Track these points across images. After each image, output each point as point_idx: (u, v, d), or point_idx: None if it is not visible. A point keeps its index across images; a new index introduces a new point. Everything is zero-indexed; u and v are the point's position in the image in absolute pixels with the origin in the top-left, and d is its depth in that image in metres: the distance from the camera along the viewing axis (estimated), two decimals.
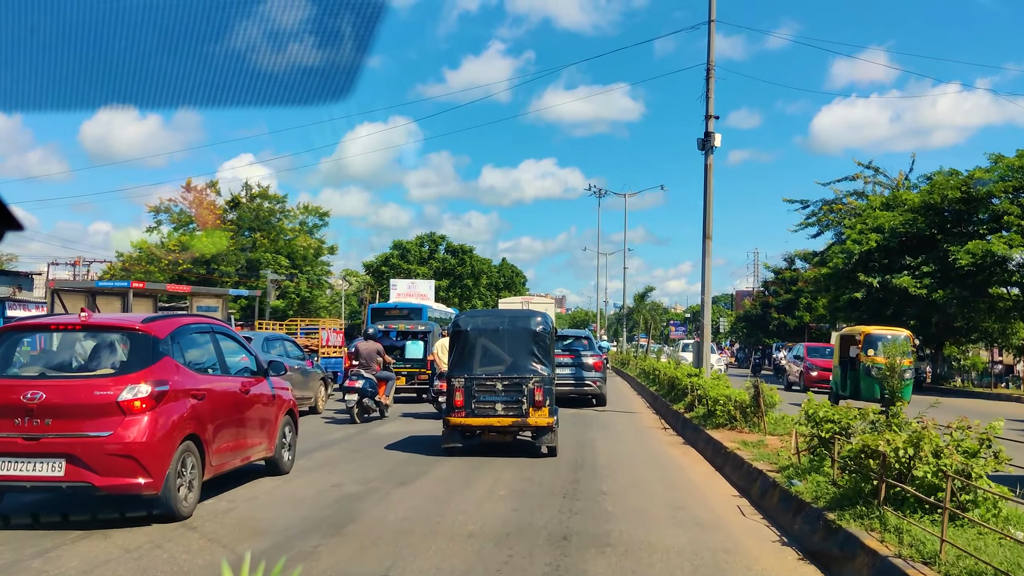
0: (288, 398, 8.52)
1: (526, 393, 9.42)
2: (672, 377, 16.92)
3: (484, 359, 9.58)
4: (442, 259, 70.44)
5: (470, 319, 10.23)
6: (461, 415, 9.46)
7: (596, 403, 17.83)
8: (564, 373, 17.04)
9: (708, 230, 15.40)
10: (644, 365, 26.08)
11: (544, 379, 9.57)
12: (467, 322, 10.04)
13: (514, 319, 10.25)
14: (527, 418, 9.42)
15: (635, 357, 36.26)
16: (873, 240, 30.34)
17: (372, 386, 13.74)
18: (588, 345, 18.04)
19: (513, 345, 9.65)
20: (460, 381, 9.52)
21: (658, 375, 20.32)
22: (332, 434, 12.35)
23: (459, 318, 10.42)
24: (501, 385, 9.45)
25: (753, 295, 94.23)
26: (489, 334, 9.72)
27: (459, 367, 9.64)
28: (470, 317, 10.52)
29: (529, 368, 9.57)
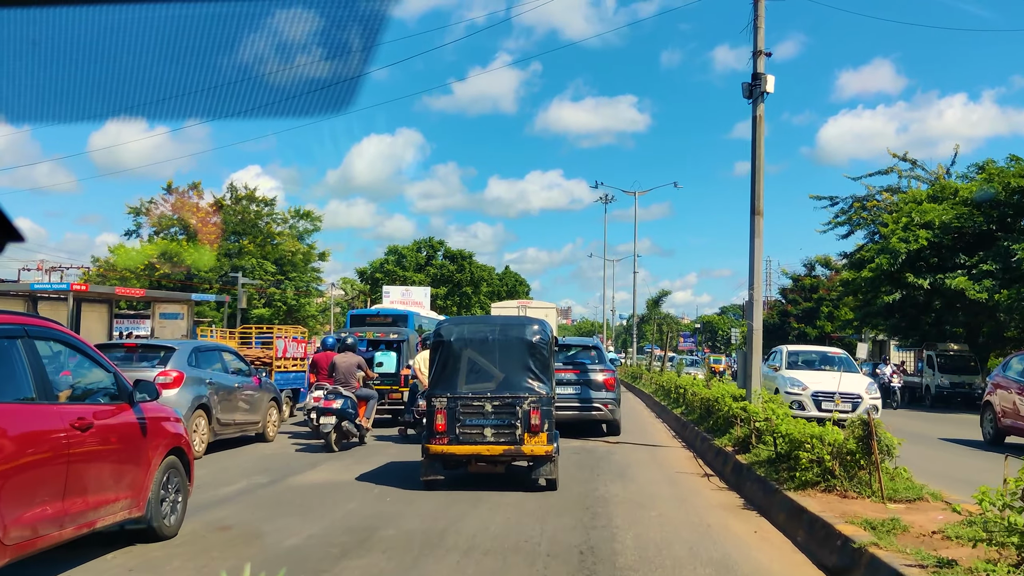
0: (174, 431, 6.40)
1: (520, 416, 8.15)
2: (707, 400, 13.03)
3: (471, 375, 8.30)
4: (440, 265, 66.72)
5: (454, 327, 8.74)
6: (443, 442, 8.20)
7: (607, 431, 13.99)
8: (566, 393, 13.25)
9: (758, 203, 11.59)
10: (662, 380, 22.17)
11: (542, 399, 8.25)
12: (450, 331, 8.61)
13: (506, 327, 8.76)
14: (522, 445, 8.17)
15: (647, 370, 32.33)
16: (923, 237, 26.44)
17: (352, 407, 11.77)
18: (597, 357, 14.20)
19: (505, 358, 8.33)
20: (442, 401, 8.23)
21: (684, 394, 16.41)
22: (271, 469, 9.84)
23: (441, 326, 8.93)
24: (491, 406, 8.18)
25: (768, 304, 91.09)
26: (477, 345, 8.39)
27: (441, 384, 8.34)
28: (454, 325, 8.97)
29: (524, 386, 8.26)
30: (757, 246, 11.61)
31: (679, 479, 9.38)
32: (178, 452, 6.36)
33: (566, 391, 13.34)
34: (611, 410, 13.47)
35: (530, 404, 8.14)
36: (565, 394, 13.30)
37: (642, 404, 22.64)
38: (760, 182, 11.59)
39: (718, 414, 11.68)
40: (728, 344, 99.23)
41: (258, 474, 9.45)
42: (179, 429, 6.47)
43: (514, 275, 76.76)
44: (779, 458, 7.92)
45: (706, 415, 12.92)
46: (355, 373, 12.13)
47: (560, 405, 11.93)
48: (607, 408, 13.41)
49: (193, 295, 32.38)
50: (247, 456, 11.27)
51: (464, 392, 8.22)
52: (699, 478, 9.53)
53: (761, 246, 11.67)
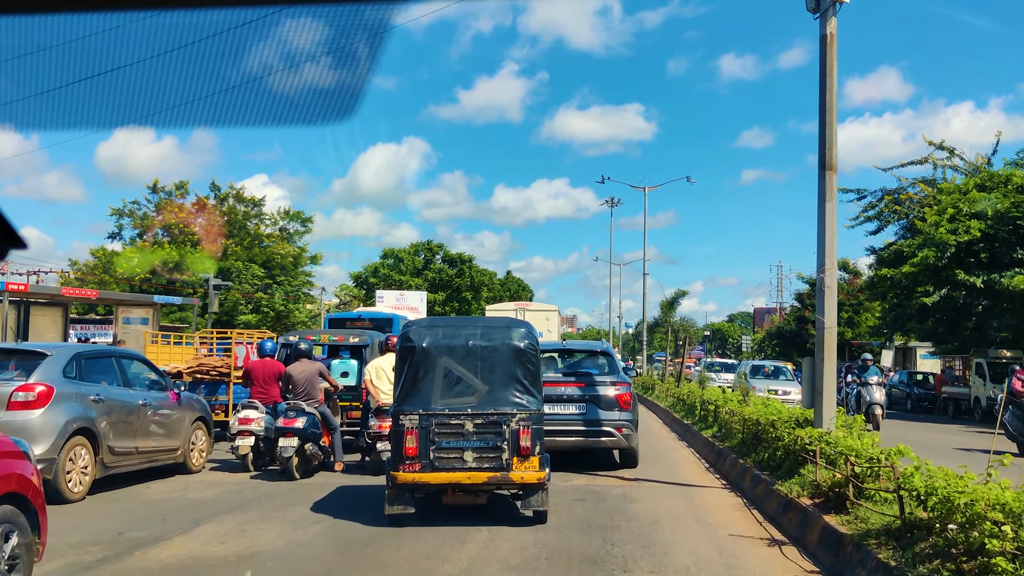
0: (6, 470, 4.72)
1: (508, 436, 6.90)
2: (752, 423, 9.85)
3: (447, 388, 7.01)
4: (438, 269, 63.59)
5: (426, 330, 7.39)
6: (414, 468, 6.86)
7: (621, 462, 10.87)
8: (566, 414, 10.25)
9: (829, 157, 8.44)
10: (681, 393, 18.96)
11: (532, 416, 7.00)
12: (421, 334, 7.26)
13: (489, 330, 7.40)
14: (510, 471, 6.88)
15: (661, 380, 29.11)
16: (975, 228, 23.22)
17: (315, 425, 9.94)
18: (607, 366, 11.02)
19: (489, 367, 7.07)
20: (413, 419, 6.92)
21: (715, 411, 13.20)
22: (142, 524, 7.03)
23: (410, 329, 7.49)
24: (472, 425, 6.92)
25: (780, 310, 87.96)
26: (455, 352, 7.09)
27: (411, 399, 7.02)
28: (426, 327, 7.57)
29: (512, 400, 7.01)
30: (829, 212, 8.45)
31: (739, 553, 6.14)
32: (15, 499, 4.78)
33: (567, 410, 10.27)
34: (626, 435, 10.30)
35: (519, 422, 6.90)
36: (565, 415, 10.22)
37: (658, 421, 19.41)
38: (832, 125, 8.44)
39: (775, 444, 8.50)
40: (739, 352, 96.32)
41: (105, 540, 6.31)
42: (20, 467, 4.93)
43: (516, 280, 73.62)
44: (910, 529, 4.78)
45: (752, 443, 9.74)
46: (317, 384, 10.15)
47: (558, 429, 9.86)
48: (621, 433, 10.24)
49: (155, 297, 29.35)
50: (133, 499, 8.19)
51: (440, 408, 6.94)
52: (767, 548, 6.32)
53: (834, 213, 8.51)
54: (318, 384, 10.22)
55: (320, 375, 10.26)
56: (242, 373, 11.41)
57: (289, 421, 9.70)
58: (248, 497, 8.39)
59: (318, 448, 9.94)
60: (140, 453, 9.09)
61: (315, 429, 9.85)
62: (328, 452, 10.31)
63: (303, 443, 9.69)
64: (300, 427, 9.65)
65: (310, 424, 9.78)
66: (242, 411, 10.46)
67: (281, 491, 8.83)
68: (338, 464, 10.33)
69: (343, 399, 11.73)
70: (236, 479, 9.73)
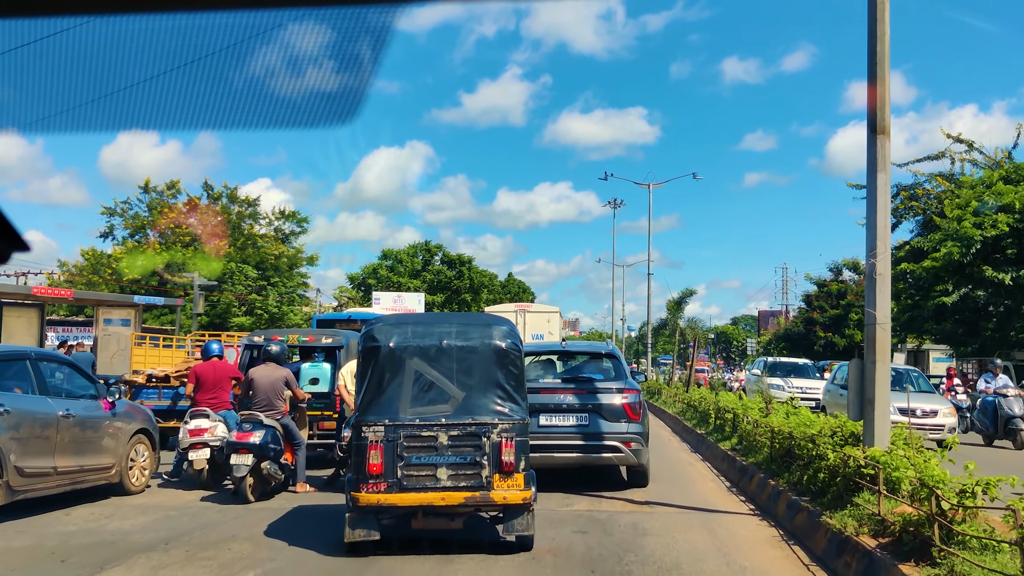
0: None
1: (488, 450, 5.97)
2: (783, 436, 8.41)
3: (418, 394, 6.07)
4: (437, 271, 62.13)
5: (393, 328, 6.28)
6: (379, 488, 5.90)
7: (629, 480, 9.52)
8: (565, 426, 8.94)
9: (881, 118, 7.00)
10: (692, 399, 17.50)
11: (516, 426, 6.04)
12: (387, 333, 6.21)
13: (466, 329, 6.34)
14: (490, 491, 5.95)
15: (667, 385, 27.65)
16: (1003, 222, 21.79)
17: (276, 440, 8.67)
18: (613, 371, 9.63)
19: (466, 371, 6.11)
20: (377, 431, 5.94)
21: (734, 422, 11.75)
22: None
23: (374, 326, 6.38)
24: (447, 437, 5.99)
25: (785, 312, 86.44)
26: (426, 353, 6.11)
27: (375, 408, 6.03)
28: (393, 325, 6.37)
29: (492, 408, 6.06)
30: (881, 185, 7.03)
31: None
32: None
33: (566, 422, 8.94)
34: (635, 450, 8.92)
35: (501, 433, 6.00)
36: (564, 427, 8.91)
37: (667, 430, 17.93)
38: (883, 79, 7.01)
39: (816, 464, 7.05)
40: (743, 355, 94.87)
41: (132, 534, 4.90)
42: None
43: (518, 282, 72.12)
44: None
45: (783, 460, 8.30)
46: (281, 393, 8.90)
47: (556, 443, 8.82)
48: (629, 448, 8.86)
49: (136, 298, 27.98)
50: (42, 531, 6.77)
51: (409, 418, 6.02)
52: None
53: (886, 186, 7.08)
54: (282, 393, 8.90)
55: (286, 383, 8.95)
56: (189, 375, 10.15)
57: (244, 435, 8.45)
58: (182, 528, 6.98)
59: (278, 467, 8.64)
60: (60, 474, 7.69)
61: (275, 445, 8.59)
62: (291, 471, 8.96)
63: (259, 461, 8.44)
64: (256, 443, 8.40)
65: (269, 439, 8.51)
66: (191, 421, 9.34)
67: (226, 519, 7.42)
68: (300, 485, 8.96)
69: (314, 408, 10.39)
70: (180, 502, 8.33)
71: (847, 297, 51.18)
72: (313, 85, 1.45)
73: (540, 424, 8.66)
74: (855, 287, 51.44)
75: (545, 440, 8.61)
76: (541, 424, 8.68)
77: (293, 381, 9.11)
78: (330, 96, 1.43)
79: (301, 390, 9.35)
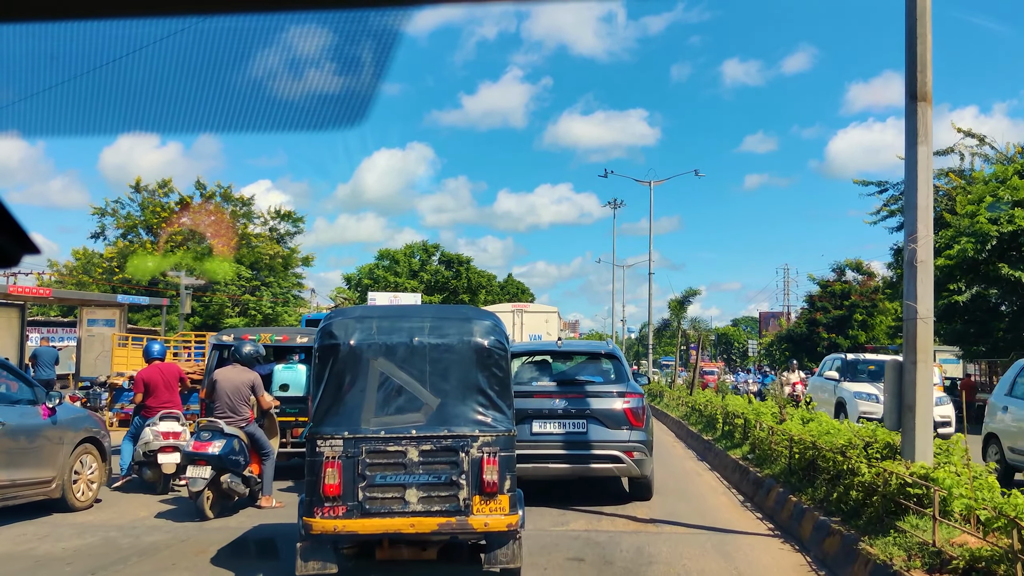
0: None
1: (466, 467, 5.08)
2: (804, 445, 7.48)
3: (384, 401, 5.17)
4: (435, 271, 61.21)
5: (355, 323, 5.35)
6: (337, 512, 5.00)
7: (632, 493, 8.64)
8: (562, 434, 8.09)
9: (921, 82, 6.10)
10: (698, 402, 16.57)
11: (500, 439, 5.16)
12: (349, 328, 5.30)
13: (442, 323, 5.41)
14: (468, 515, 5.04)
15: (669, 387, 26.74)
16: (1020, 218, 20.87)
17: (241, 451, 7.80)
18: (614, 373, 8.73)
19: (441, 373, 5.23)
20: (335, 445, 5.06)
21: (745, 428, 10.82)
22: None
23: (333, 321, 5.42)
24: (418, 452, 5.09)
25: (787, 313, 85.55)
26: (394, 352, 5.23)
27: (334, 417, 5.16)
28: (355, 319, 5.43)
29: (472, 418, 5.19)
30: (922, 159, 6.11)
31: None
32: None
33: (562, 429, 8.12)
34: (638, 460, 8.03)
35: (483, 448, 5.15)
36: (560, 435, 8.09)
37: (670, 435, 16.99)
38: (924, 38, 6.09)
39: (848, 480, 6.13)
40: (744, 357, 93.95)
41: None
42: None
43: (517, 283, 71.22)
44: None
45: (806, 473, 7.38)
46: (247, 398, 8.06)
47: (551, 453, 7.99)
48: (631, 458, 7.97)
49: (119, 297, 27.11)
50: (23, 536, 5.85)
51: (373, 430, 5.16)
52: None
53: (928, 160, 6.15)
54: (247, 398, 8.05)
55: (252, 388, 8.07)
56: (136, 383, 9.57)
57: (201, 445, 7.61)
58: (118, 553, 6.07)
59: (241, 480, 7.76)
60: (15, 485, 6.80)
61: (237, 456, 7.76)
62: (257, 484, 8.06)
63: (219, 474, 7.56)
64: (215, 453, 7.57)
65: (229, 450, 7.67)
66: (161, 423, 8.86)
67: (172, 541, 6.51)
68: (266, 499, 8.05)
69: (287, 413, 9.51)
70: (127, 519, 7.43)
71: (851, 297, 50.47)
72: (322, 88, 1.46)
73: (533, 432, 7.91)
74: (858, 287, 50.64)
75: (538, 450, 7.86)
76: (534, 432, 7.93)
77: (259, 386, 8.21)
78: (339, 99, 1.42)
79: (267, 396, 8.42)
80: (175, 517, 7.57)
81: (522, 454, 7.59)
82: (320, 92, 1.45)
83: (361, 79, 1.38)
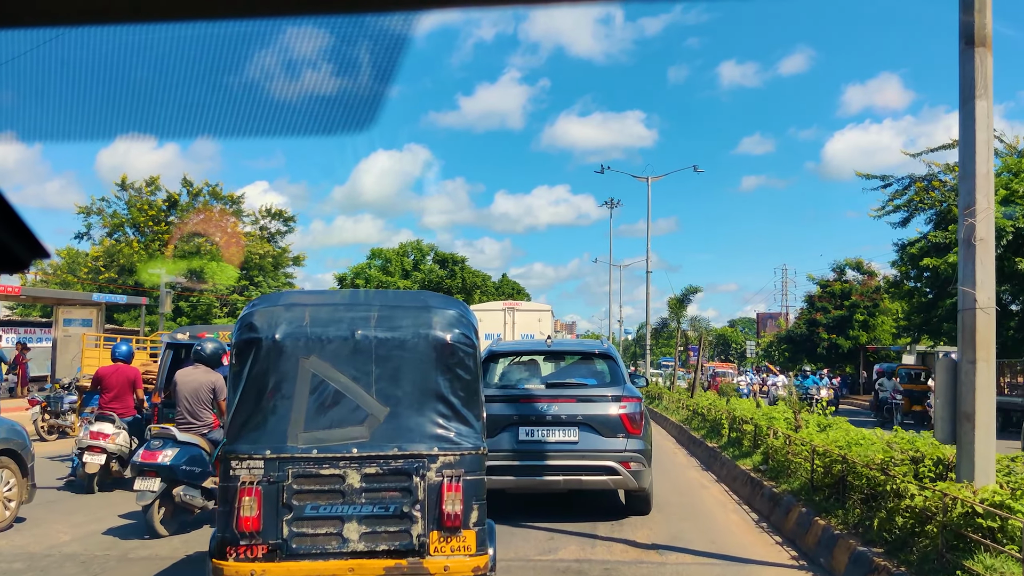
0: None
1: (422, 495, 4.07)
2: (843, 462, 6.44)
3: (318, 412, 4.13)
4: (428, 270, 60.14)
5: (283, 312, 4.31)
6: (255, 553, 4.00)
7: (628, 506, 7.77)
8: (552, 442, 7.23)
9: (980, 24, 5.11)
10: (700, 406, 15.53)
11: (465, 459, 4.15)
12: (275, 318, 4.27)
13: (392, 312, 4.33)
14: (424, 556, 4.05)
15: (669, 389, 25.71)
16: None
17: (197, 460, 6.87)
18: (609, 375, 7.79)
19: (391, 376, 4.19)
20: (254, 468, 4.06)
21: (760, 434, 9.76)
22: None
23: (256, 310, 4.40)
24: (360, 476, 4.07)
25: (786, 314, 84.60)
26: (330, 349, 4.20)
27: (253, 431, 4.13)
28: (282, 307, 4.39)
29: (430, 432, 4.18)
30: (980, 115, 5.09)
31: None
32: None
33: (552, 436, 7.31)
34: (635, 472, 7.14)
35: (443, 470, 4.04)
36: (550, 443, 7.33)
37: (670, 440, 15.93)
38: None
39: (892, 504, 5.08)
40: (743, 358, 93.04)
41: None
42: None
43: (512, 283, 70.14)
44: None
45: (833, 490, 6.34)
46: (207, 402, 7.25)
47: (539, 464, 7.19)
48: (628, 469, 7.10)
49: (95, 295, 26.06)
50: None
51: (302, 448, 4.05)
52: None
53: (988, 116, 5.13)
54: (208, 402, 7.14)
55: (213, 391, 7.15)
56: (91, 380, 9.12)
57: (150, 455, 6.75)
58: None
59: (199, 492, 6.83)
60: None
61: (192, 466, 6.87)
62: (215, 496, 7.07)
63: (171, 486, 6.71)
64: (165, 464, 6.69)
65: (183, 460, 6.76)
66: (96, 423, 8.72)
67: (96, 570, 5.45)
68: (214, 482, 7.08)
69: None
70: (46, 544, 6.38)
71: (851, 297, 49.54)
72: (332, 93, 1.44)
73: (519, 439, 7.19)
74: (859, 287, 49.71)
75: (525, 460, 7.15)
76: (521, 440, 7.20)
77: (222, 390, 7.17)
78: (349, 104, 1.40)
79: None
80: (123, 534, 6.62)
81: (508, 465, 6.96)
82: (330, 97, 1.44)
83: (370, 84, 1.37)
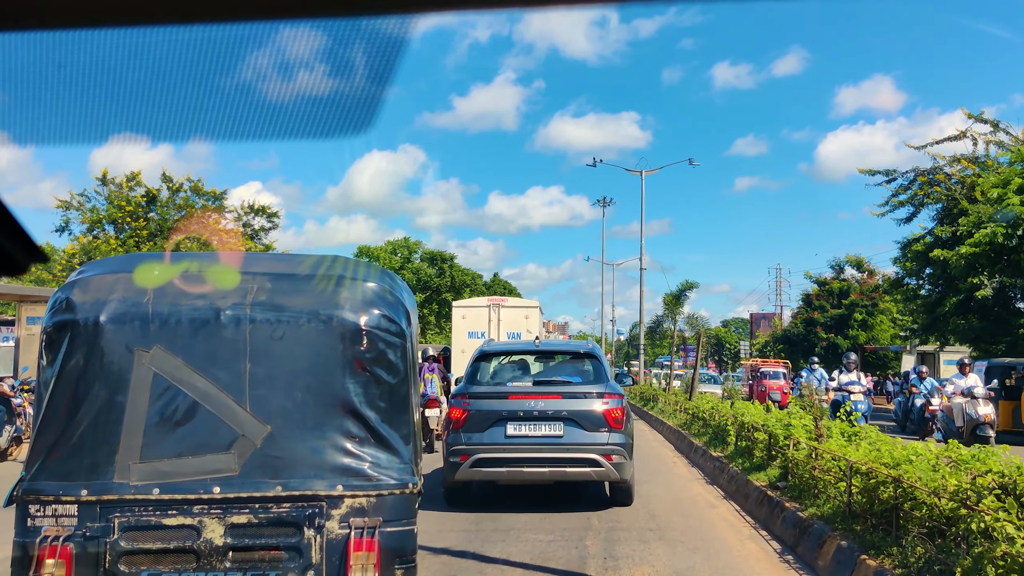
0: None
1: (316, 557, 2.81)
2: (897, 485, 5.12)
3: (163, 431, 2.90)
4: (416, 269, 58.79)
5: (115, 284, 3.16)
6: None
7: (612, 498, 8.01)
8: (537, 436, 7.43)
9: None
10: (701, 410, 14.20)
11: (386, 501, 2.89)
12: (105, 291, 3.12)
13: (279, 286, 3.13)
14: None
15: (664, 391, 24.43)
16: None
17: None
18: (593, 374, 8.00)
19: (271, 378, 2.92)
20: (64, 517, 2.81)
21: (777, 445, 8.44)
22: None
23: (76, 280, 3.25)
24: (224, 528, 2.83)
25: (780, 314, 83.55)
26: (183, 339, 2.99)
27: (63, 461, 2.87)
28: (116, 276, 3.23)
29: (332, 462, 2.91)
30: None
31: None
32: None
33: (538, 431, 7.46)
34: (617, 464, 7.43)
35: (349, 519, 2.82)
36: (535, 437, 7.45)
37: (668, 447, 14.58)
38: None
39: (983, 549, 3.77)
40: (737, 358, 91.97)
41: None
42: None
43: (503, 283, 68.90)
44: None
45: (886, 520, 5.01)
46: None
47: (525, 456, 7.43)
48: (610, 461, 7.40)
49: None
50: None
51: (137, 486, 2.85)
52: None
53: None
54: None
55: None
56: None
57: None
58: None
59: None
60: None
61: None
62: None
63: None
64: None
65: None
66: None
67: None
68: None
69: None
70: None
71: (850, 296, 48.35)
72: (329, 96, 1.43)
73: (508, 434, 7.49)
74: (858, 286, 48.55)
75: (513, 453, 7.44)
76: (508, 434, 7.49)
77: None
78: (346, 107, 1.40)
79: None
80: None
81: (497, 458, 7.30)
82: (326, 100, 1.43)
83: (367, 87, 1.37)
